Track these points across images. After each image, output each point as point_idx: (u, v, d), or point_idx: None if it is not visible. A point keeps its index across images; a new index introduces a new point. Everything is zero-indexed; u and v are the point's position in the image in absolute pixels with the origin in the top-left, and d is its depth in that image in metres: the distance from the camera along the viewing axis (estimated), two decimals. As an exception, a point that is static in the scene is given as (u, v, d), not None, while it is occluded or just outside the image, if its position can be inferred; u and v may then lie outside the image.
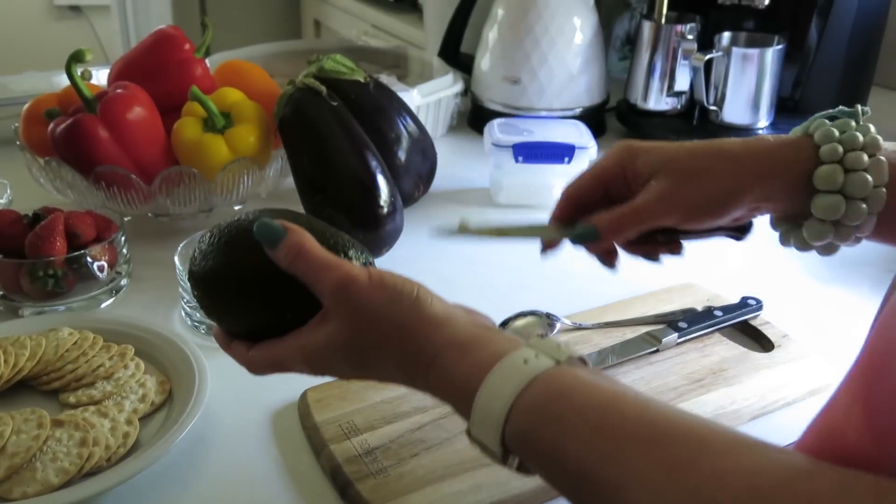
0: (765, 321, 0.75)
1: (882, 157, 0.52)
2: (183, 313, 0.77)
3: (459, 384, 0.44)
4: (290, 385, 0.67)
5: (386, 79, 1.16)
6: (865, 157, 0.52)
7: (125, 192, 0.85)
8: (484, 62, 1.22)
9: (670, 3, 1.16)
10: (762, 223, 0.61)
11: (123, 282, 0.82)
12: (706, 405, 0.64)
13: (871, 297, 0.82)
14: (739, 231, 0.60)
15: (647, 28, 1.17)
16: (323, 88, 0.88)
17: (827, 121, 0.55)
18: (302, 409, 0.64)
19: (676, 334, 0.71)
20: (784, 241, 0.58)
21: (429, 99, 1.15)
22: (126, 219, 0.88)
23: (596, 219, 0.56)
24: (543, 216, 0.62)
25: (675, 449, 0.37)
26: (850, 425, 0.36)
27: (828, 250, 0.56)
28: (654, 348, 0.70)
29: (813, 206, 0.53)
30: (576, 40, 1.16)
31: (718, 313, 0.74)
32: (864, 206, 0.52)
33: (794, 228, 0.57)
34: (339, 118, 0.87)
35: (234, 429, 0.64)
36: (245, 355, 0.52)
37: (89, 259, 0.77)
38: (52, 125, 0.85)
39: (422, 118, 1.08)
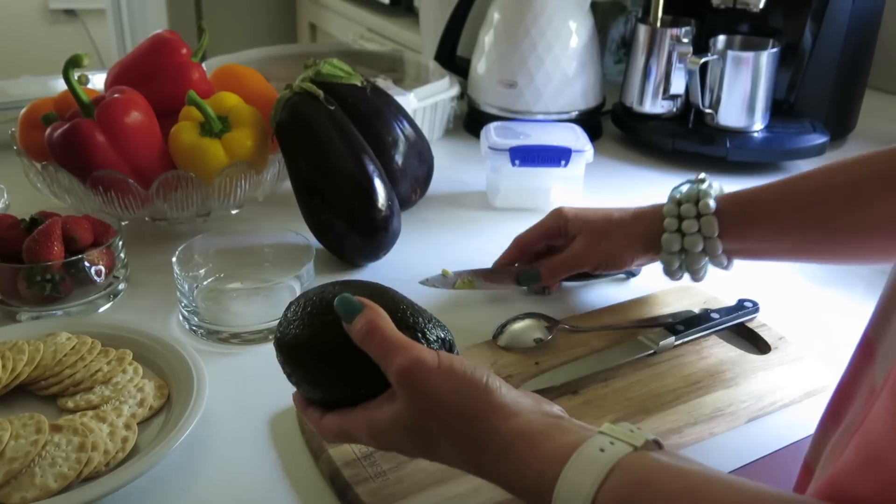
0: (761, 323, 0.76)
1: (712, 216, 0.71)
2: (181, 317, 0.77)
3: (534, 477, 0.43)
4: (288, 388, 0.67)
5: (382, 82, 1.16)
6: (696, 226, 0.71)
7: (122, 197, 0.85)
8: (480, 66, 1.22)
9: (665, 6, 1.17)
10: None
11: (121, 286, 0.82)
12: (704, 407, 0.65)
13: (865, 299, 0.82)
14: (630, 274, 0.85)
15: (642, 31, 1.18)
16: (320, 92, 0.88)
17: (678, 193, 0.74)
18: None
19: (674, 337, 0.72)
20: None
21: (425, 102, 1.15)
22: (123, 223, 0.88)
23: (539, 264, 0.80)
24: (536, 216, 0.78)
25: None
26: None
27: (697, 275, 0.75)
28: (652, 351, 0.71)
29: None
30: (572, 44, 1.16)
31: (715, 316, 0.75)
32: (700, 252, 0.72)
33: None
34: (337, 122, 0.87)
35: (232, 433, 0.64)
36: (318, 421, 0.53)
37: (87, 263, 0.77)
38: (49, 130, 0.85)
39: (418, 122, 1.09)
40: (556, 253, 0.80)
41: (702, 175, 0.74)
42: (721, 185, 0.74)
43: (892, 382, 0.33)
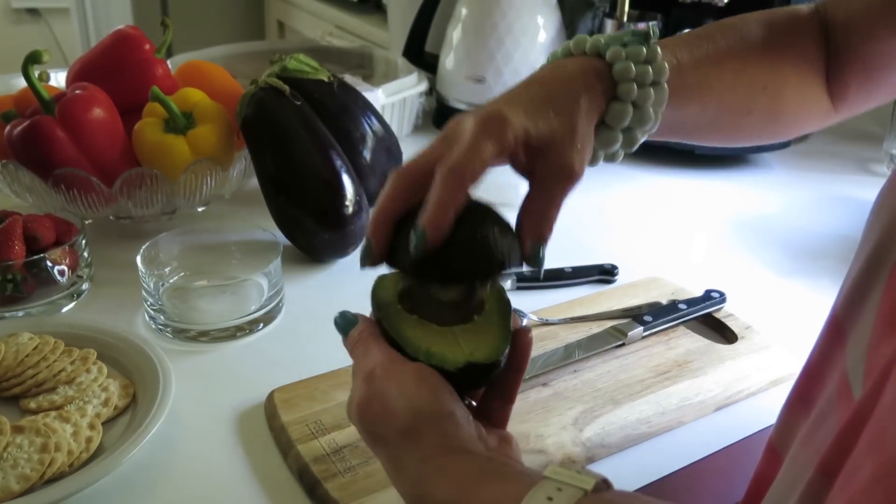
0: (728, 313, 0.76)
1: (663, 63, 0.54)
2: (147, 316, 0.76)
3: None
4: (256, 386, 0.66)
5: (350, 79, 1.16)
6: (650, 70, 0.54)
7: (85, 195, 0.83)
8: (448, 61, 1.22)
9: (632, 1, 1.17)
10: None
11: (85, 286, 0.80)
12: (672, 397, 0.65)
13: (829, 289, 0.83)
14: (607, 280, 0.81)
15: (609, 26, 1.18)
16: (286, 88, 0.88)
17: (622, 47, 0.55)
18: (269, 409, 0.63)
19: (642, 328, 0.72)
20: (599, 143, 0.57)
21: (393, 98, 1.15)
22: (87, 222, 0.86)
23: (421, 221, 0.53)
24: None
25: None
26: None
27: (612, 158, 0.58)
28: (620, 342, 0.71)
29: (607, 114, 0.54)
30: (539, 39, 1.17)
31: (683, 306, 0.75)
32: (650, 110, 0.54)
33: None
34: (303, 118, 0.87)
35: (199, 431, 0.63)
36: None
37: (49, 263, 0.76)
38: (8, 127, 0.84)
39: (387, 118, 1.08)
40: None
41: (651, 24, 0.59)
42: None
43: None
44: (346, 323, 0.51)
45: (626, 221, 1.00)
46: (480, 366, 0.47)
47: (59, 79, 0.99)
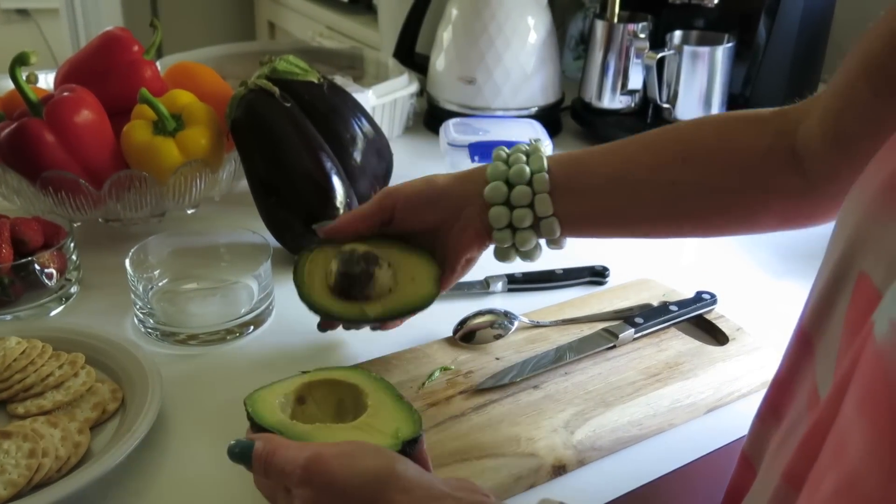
0: (719, 315, 0.76)
1: (541, 154, 0.64)
2: (136, 320, 0.75)
3: None
4: (247, 389, 0.66)
5: (341, 80, 1.15)
6: (523, 156, 0.65)
7: (74, 198, 0.83)
8: (439, 62, 1.22)
9: (622, 2, 1.17)
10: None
11: (73, 289, 0.80)
12: (663, 399, 0.65)
13: (821, 290, 0.83)
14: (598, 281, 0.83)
15: (599, 27, 1.18)
16: (276, 89, 0.87)
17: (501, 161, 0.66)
18: (258, 413, 0.63)
19: (633, 330, 0.72)
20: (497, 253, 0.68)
21: (384, 99, 1.15)
22: (75, 224, 0.86)
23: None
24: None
25: None
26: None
27: (528, 256, 0.67)
28: (612, 344, 0.71)
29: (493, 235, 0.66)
30: (530, 40, 1.16)
31: (674, 308, 0.75)
32: (526, 188, 0.63)
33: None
34: (293, 119, 0.86)
35: (189, 435, 0.62)
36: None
37: (37, 266, 0.75)
38: (-4, 130, 0.83)
39: (377, 119, 1.08)
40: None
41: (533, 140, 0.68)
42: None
43: (859, 397, 0.31)
44: (243, 448, 0.49)
45: (617, 223, 0.99)
46: (411, 440, 0.52)
47: (48, 80, 0.98)
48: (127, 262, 0.74)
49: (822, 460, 0.33)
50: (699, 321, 0.76)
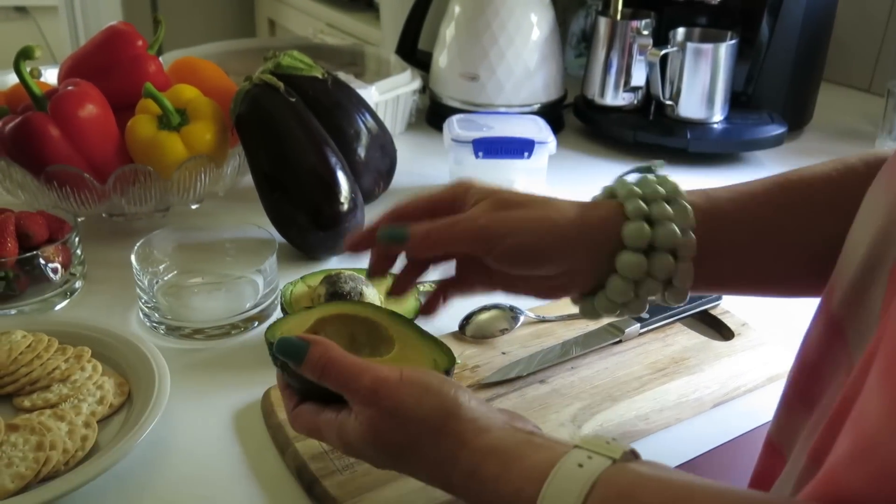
0: (724, 310, 0.76)
1: (685, 202, 0.52)
2: (141, 314, 0.75)
3: (509, 497, 0.41)
4: (253, 383, 0.66)
5: (343, 76, 1.15)
6: (669, 208, 0.52)
7: (78, 192, 0.83)
8: (442, 59, 1.22)
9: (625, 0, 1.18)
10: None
11: (78, 283, 0.80)
12: (669, 394, 0.65)
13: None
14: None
15: (602, 24, 1.18)
16: (280, 84, 0.87)
17: (628, 179, 0.55)
18: (265, 407, 0.63)
19: (639, 325, 0.72)
20: (584, 311, 0.55)
21: (387, 96, 1.14)
22: (80, 219, 0.86)
23: (412, 224, 0.54)
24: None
25: None
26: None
27: (633, 310, 0.54)
28: (617, 339, 0.71)
29: (617, 262, 0.52)
30: (533, 37, 1.16)
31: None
32: (670, 257, 0.51)
33: (592, 298, 0.54)
34: (298, 114, 0.86)
35: (195, 429, 0.62)
36: (291, 408, 0.52)
37: (42, 260, 0.75)
38: (0, 124, 0.83)
39: (380, 115, 1.08)
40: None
41: (657, 161, 0.59)
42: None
43: (882, 367, 0.32)
44: (295, 351, 0.48)
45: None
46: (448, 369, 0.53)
47: (48, 77, 0.98)
48: (132, 255, 0.74)
49: (844, 430, 0.33)
50: (704, 317, 0.76)
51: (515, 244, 0.51)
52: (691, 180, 0.74)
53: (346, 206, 0.84)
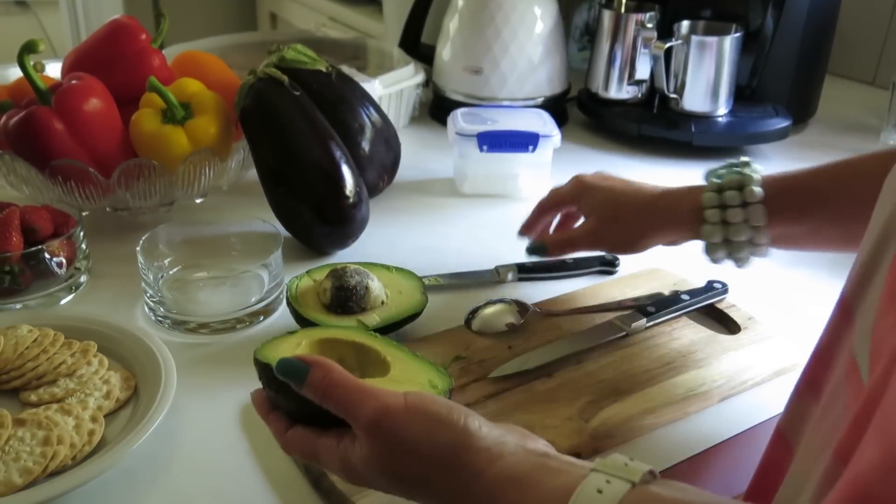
0: (731, 304, 0.76)
1: (759, 204, 0.65)
2: (146, 308, 0.75)
3: None
4: (256, 379, 0.66)
5: (347, 70, 1.15)
6: (741, 215, 0.65)
7: (83, 187, 0.83)
8: (445, 52, 1.21)
9: (629, -8, 1.17)
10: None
11: (83, 278, 0.80)
12: (677, 388, 0.65)
13: (830, 279, 0.83)
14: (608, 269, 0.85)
15: (606, 17, 1.18)
16: (285, 78, 0.87)
17: (716, 179, 0.69)
18: (272, 401, 0.63)
19: (645, 319, 0.72)
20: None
21: (391, 89, 1.14)
22: (84, 213, 0.86)
23: (547, 238, 0.77)
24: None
25: None
26: None
27: (741, 262, 0.69)
28: (624, 333, 0.71)
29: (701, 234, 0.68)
30: (536, 30, 1.16)
31: (685, 297, 0.75)
32: (744, 241, 0.66)
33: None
34: (302, 108, 0.86)
35: (202, 423, 0.62)
36: (283, 432, 0.50)
37: (47, 255, 0.75)
38: (4, 118, 0.83)
39: (384, 109, 1.08)
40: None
41: (744, 158, 0.68)
42: (761, 168, 0.68)
43: None
44: (296, 371, 0.47)
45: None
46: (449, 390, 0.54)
47: (49, 71, 0.98)
48: (138, 249, 0.73)
49: (869, 432, 0.33)
50: (710, 310, 0.76)
51: (619, 248, 0.75)
52: (697, 174, 0.74)
53: (350, 200, 0.83)
